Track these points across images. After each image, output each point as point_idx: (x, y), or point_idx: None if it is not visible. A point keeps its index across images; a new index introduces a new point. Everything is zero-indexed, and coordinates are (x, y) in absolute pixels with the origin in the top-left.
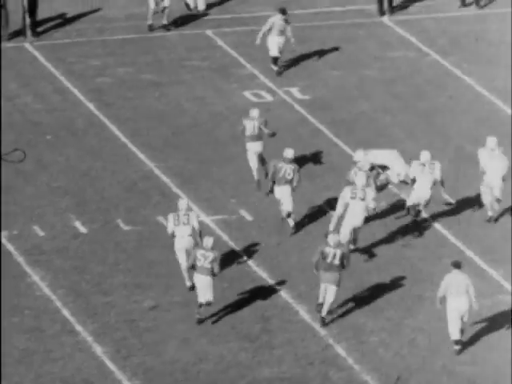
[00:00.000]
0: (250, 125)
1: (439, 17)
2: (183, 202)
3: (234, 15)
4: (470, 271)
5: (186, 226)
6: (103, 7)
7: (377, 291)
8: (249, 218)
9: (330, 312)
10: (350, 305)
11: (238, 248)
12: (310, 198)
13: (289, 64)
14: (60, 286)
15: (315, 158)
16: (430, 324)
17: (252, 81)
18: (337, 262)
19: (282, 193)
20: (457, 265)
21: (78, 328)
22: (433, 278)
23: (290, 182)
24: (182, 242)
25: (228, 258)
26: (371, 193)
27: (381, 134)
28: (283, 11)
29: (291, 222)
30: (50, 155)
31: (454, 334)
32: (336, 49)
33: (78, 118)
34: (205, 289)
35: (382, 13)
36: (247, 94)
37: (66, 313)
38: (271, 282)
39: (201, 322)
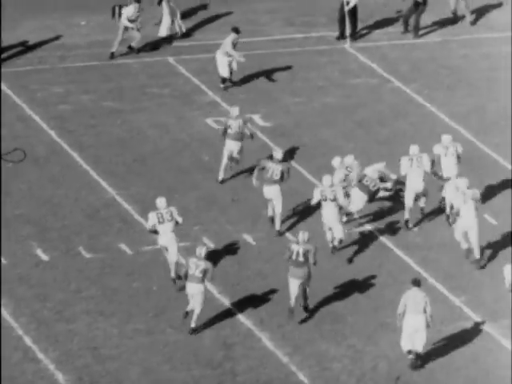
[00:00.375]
0: (236, 124)
1: (400, 43)
2: (162, 200)
3: (195, 42)
4: (432, 298)
5: (170, 222)
6: (65, 35)
7: (340, 318)
8: (211, 245)
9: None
10: (313, 331)
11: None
12: (272, 226)
13: (250, 91)
14: (22, 314)
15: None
16: (392, 351)
17: (214, 108)
18: (301, 258)
19: (270, 193)
20: (416, 282)
21: (40, 356)
22: (395, 304)
23: (278, 181)
24: (165, 238)
25: None
26: (340, 191)
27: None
28: (237, 30)
29: (277, 225)
30: (11, 182)
31: (406, 346)
32: (298, 76)
33: (39, 145)
34: (196, 297)
35: (343, 40)
36: (209, 121)
37: (27, 340)
38: (233, 308)
39: (194, 331)
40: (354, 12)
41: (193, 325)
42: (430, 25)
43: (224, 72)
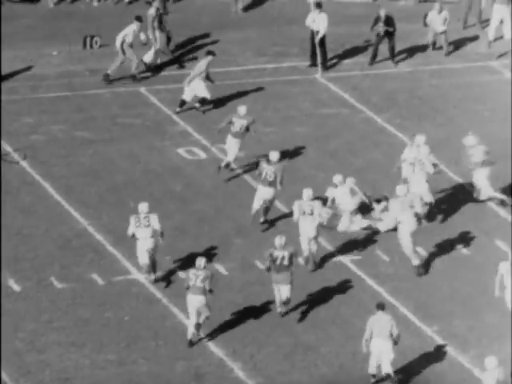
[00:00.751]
0: (239, 123)
1: (372, 73)
2: (144, 206)
3: (166, 72)
4: (404, 328)
5: (147, 228)
6: (37, 65)
7: (312, 348)
8: (183, 275)
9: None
10: (285, 362)
11: (172, 306)
12: (243, 256)
13: (221, 121)
14: None
15: (248, 215)
16: (366, 380)
17: (185, 138)
18: (286, 262)
19: (265, 194)
20: (380, 306)
21: None
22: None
23: (272, 183)
24: (145, 243)
25: (162, 316)
26: (319, 206)
27: (314, 191)
28: (212, 53)
29: (265, 216)
30: None
31: (371, 369)
32: (269, 106)
33: (11, 175)
34: (200, 309)
35: (315, 69)
36: (181, 151)
37: None
38: (205, 338)
39: (192, 344)
40: (323, 41)
41: (201, 334)
42: (402, 54)
43: (205, 93)
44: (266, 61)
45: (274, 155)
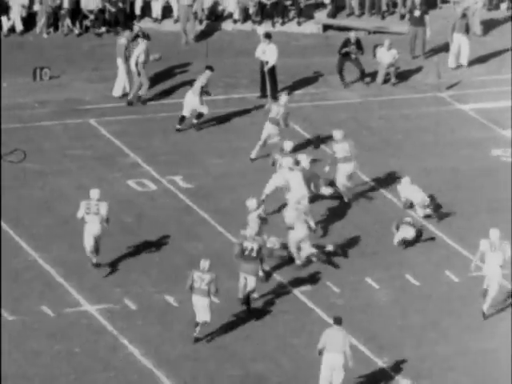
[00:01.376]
0: (276, 109)
1: (322, 104)
2: (95, 192)
3: (116, 104)
4: (355, 359)
5: (96, 216)
6: None
7: (263, 380)
8: (133, 307)
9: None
10: None
11: (123, 337)
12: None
13: (171, 153)
14: None
15: (199, 246)
16: None
17: (135, 169)
18: (254, 254)
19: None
20: (337, 320)
21: None
22: (317, 365)
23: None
24: (93, 228)
25: (113, 347)
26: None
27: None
28: (211, 68)
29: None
30: None
31: (322, 382)
32: (220, 137)
33: None
34: (203, 310)
35: (265, 100)
36: (131, 182)
37: None
38: (156, 371)
39: (197, 340)
40: (273, 72)
41: (198, 334)
42: (352, 85)
43: (203, 108)
44: (216, 92)
45: (288, 145)
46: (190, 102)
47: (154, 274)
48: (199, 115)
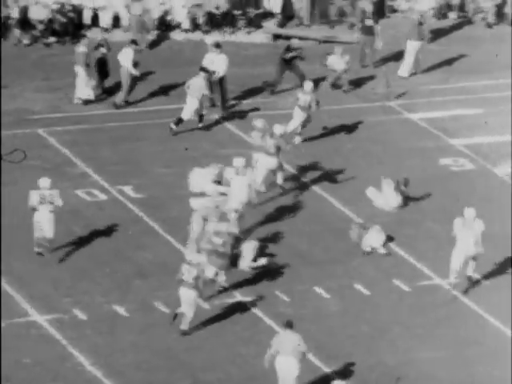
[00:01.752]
0: (303, 98)
1: (270, 114)
2: (45, 180)
3: (65, 114)
4: (303, 369)
5: (50, 205)
6: None
7: None
8: (83, 317)
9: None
10: None
11: (72, 347)
12: (144, 297)
13: (121, 162)
14: None
15: (148, 256)
16: None
17: (85, 179)
18: (222, 249)
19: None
20: (289, 324)
21: None
22: (267, 374)
23: (273, 154)
24: (44, 215)
25: (62, 357)
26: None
27: None
28: (206, 70)
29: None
30: None
31: None
32: (169, 146)
33: None
34: (187, 303)
35: (215, 110)
36: (80, 192)
37: None
38: (106, 381)
39: (185, 334)
40: (222, 82)
41: (185, 327)
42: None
43: (201, 110)
44: (167, 101)
45: (278, 129)
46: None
47: (104, 283)
48: (200, 117)
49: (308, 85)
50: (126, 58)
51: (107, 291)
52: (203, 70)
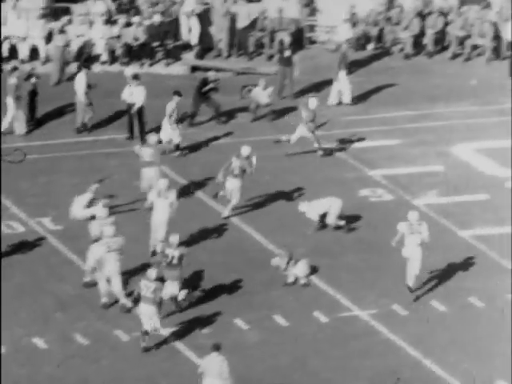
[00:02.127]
0: (305, 114)
1: (190, 145)
2: None
3: None
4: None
5: None
6: None
7: None
8: (1, 349)
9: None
10: None
11: None
12: (63, 329)
13: (40, 194)
14: None
15: (67, 288)
16: None
17: (3, 212)
18: (175, 261)
19: (232, 185)
20: (215, 347)
21: None
22: None
23: (238, 176)
24: None
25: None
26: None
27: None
28: (179, 93)
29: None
30: None
31: None
32: (87, 179)
33: None
34: (149, 318)
35: (133, 142)
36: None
37: None
38: None
39: (147, 350)
40: (140, 113)
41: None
42: (222, 126)
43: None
44: (84, 134)
45: (245, 150)
46: (165, 129)
47: (23, 316)
48: (177, 146)
49: (312, 102)
50: (78, 84)
51: (26, 324)
52: (176, 93)
